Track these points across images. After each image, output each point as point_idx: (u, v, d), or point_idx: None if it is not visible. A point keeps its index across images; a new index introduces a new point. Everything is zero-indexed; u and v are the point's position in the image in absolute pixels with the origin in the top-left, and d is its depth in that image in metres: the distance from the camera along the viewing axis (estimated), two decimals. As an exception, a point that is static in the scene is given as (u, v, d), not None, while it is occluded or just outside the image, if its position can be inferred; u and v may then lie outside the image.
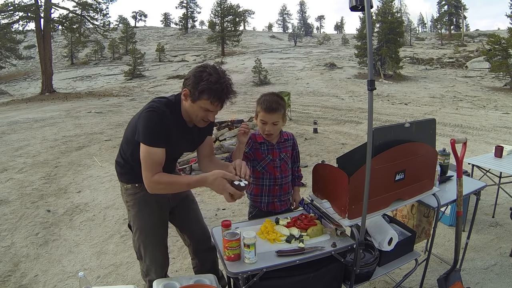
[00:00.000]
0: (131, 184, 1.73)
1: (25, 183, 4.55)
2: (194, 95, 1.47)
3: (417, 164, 1.70)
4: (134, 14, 50.12)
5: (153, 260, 1.81)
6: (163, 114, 1.50)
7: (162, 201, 1.77)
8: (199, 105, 1.49)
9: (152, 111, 1.50)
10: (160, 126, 1.49)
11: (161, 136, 1.50)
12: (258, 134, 1.96)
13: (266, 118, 1.84)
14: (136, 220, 1.76)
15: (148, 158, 1.48)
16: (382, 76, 18.37)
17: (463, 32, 35.38)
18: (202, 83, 1.44)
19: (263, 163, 1.94)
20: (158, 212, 1.77)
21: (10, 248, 2.92)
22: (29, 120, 9.82)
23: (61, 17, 19.70)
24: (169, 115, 1.53)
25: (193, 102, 1.50)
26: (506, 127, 7.88)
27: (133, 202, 1.74)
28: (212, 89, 1.44)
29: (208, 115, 1.53)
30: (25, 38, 26.09)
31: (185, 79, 1.53)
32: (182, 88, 1.54)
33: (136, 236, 1.78)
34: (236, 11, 32.50)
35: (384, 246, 1.70)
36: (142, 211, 1.74)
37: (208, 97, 1.46)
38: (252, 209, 2.05)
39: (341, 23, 60.41)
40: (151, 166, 1.48)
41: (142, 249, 1.79)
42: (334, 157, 4.05)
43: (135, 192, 1.73)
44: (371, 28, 1.32)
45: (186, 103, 1.54)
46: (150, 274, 1.84)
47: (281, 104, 1.86)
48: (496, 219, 3.20)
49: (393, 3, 21.17)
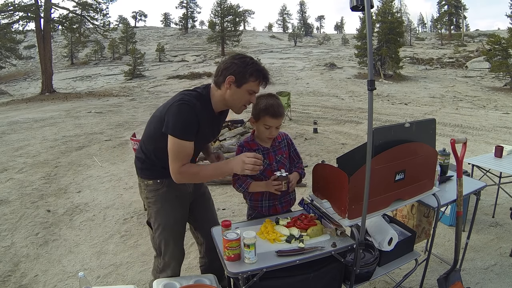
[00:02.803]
0: (153, 180, 1.73)
1: (25, 183, 4.55)
2: (242, 79, 1.55)
3: (417, 164, 1.70)
4: (134, 14, 50.20)
5: (173, 256, 1.82)
6: (194, 107, 1.53)
7: (182, 197, 1.79)
8: (246, 88, 1.57)
9: (183, 104, 1.52)
10: (191, 119, 1.52)
11: (191, 129, 1.53)
12: (250, 141, 1.91)
13: (272, 123, 1.81)
14: (158, 217, 1.76)
15: (177, 151, 1.52)
16: (382, 76, 18.38)
17: (463, 32, 35.40)
18: (249, 67, 1.55)
19: (261, 169, 1.93)
20: (179, 208, 1.79)
21: (10, 248, 2.92)
22: (29, 120, 9.81)
23: (61, 17, 19.70)
24: (200, 107, 1.56)
25: (238, 87, 1.57)
26: (506, 127, 7.88)
27: (155, 198, 1.74)
28: (259, 70, 1.57)
29: (251, 98, 1.63)
30: (25, 38, 26.11)
31: (222, 69, 1.57)
32: (217, 79, 1.59)
33: (158, 232, 1.78)
34: (236, 11, 32.51)
35: (384, 246, 1.70)
36: (164, 207, 1.74)
37: (256, 78, 1.57)
38: (252, 211, 1.99)
39: (341, 23, 60.58)
40: (181, 159, 1.52)
41: (163, 245, 1.79)
42: (334, 157, 4.05)
43: (157, 189, 1.73)
44: (371, 28, 1.32)
45: (227, 91, 1.58)
46: (166, 270, 1.84)
47: (282, 106, 1.87)
48: (496, 219, 3.20)
49: (393, 3, 21.21)
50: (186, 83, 20.00)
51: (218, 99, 1.63)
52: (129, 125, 8.80)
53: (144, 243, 2.96)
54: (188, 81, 20.77)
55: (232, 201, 3.84)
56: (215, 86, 1.62)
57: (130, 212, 3.61)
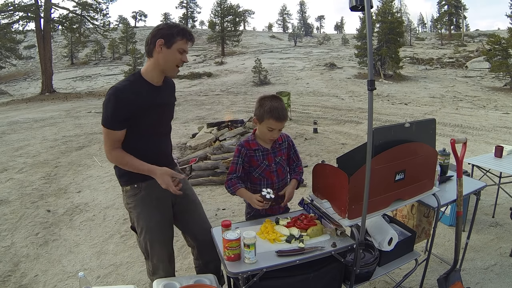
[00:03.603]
0: (130, 186, 1.75)
1: (25, 183, 4.55)
2: (171, 39, 1.64)
3: (417, 164, 1.70)
4: (134, 14, 50.02)
5: (161, 258, 1.82)
6: (123, 88, 1.61)
7: (162, 198, 1.79)
8: (175, 48, 1.65)
9: (110, 90, 1.61)
10: (118, 104, 1.59)
11: (119, 115, 1.60)
12: (251, 141, 1.91)
13: (276, 126, 1.82)
14: (139, 220, 1.77)
15: (105, 138, 1.64)
16: (382, 76, 18.37)
17: (463, 32, 35.39)
18: (174, 28, 1.66)
19: (259, 170, 1.91)
20: (160, 209, 1.80)
21: (10, 248, 2.92)
22: (29, 120, 9.82)
23: (61, 17, 19.73)
24: (131, 85, 1.64)
25: (168, 47, 1.64)
26: (506, 127, 7.88)
27: (135, 203, 1.76)
28: (184, 29, 1.69)
29: (183, 57, 1.70)
30: (25, 38, 26.13)
31: (151, 38, 1.66)
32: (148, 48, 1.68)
33: (142, 235, 1.79)
34: (236, 11, 32.50)
35: (384, 246, 1.70)
36: (144, 210, 1.76)
37: (183, 36, 1.66)
38: (250, 209, 1.99)
39: (341, 23, 60.48)
40: (109, 143, 1.65)
41: (149, 247, 1.80)
42: (334, 157, 4.05)
43: (135, 193, 1.75)
44: (371, 28, 1.32)
45: (159, 55, 1.65)
46: (158, 272, 1.83)
47: (286, 109, 1.89)
48: (496, 219, 3.20)
49: (393, 3, 21.17)
50: (186, 83, 20.00)
51: (151, 68, 1.69)
52: (129, 125, 8.79)
53: (144, 243, 2.97)
54: (188, 81, 20.76)
55: (232, 201, 3.84)
56: (147, 56, 1.70)
57: (130, 212, 3.61)
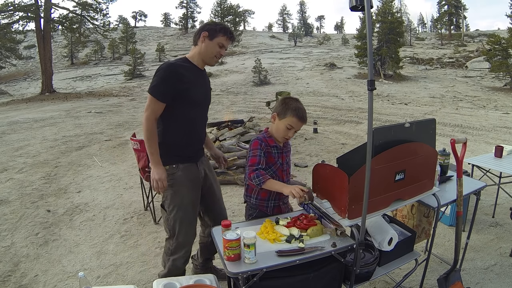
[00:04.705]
0: (169, 166, 1.90)
1: (25, 183, 4.55)
2: (214, 33, 1.91)
3: (417, 164, 1.70)
4: (134, 14, 50.07)
5: (187, 236, 1.96)
6: (175, 63, 1.88)
7: (195, 180, 1.98)
8: (217, 41, 1.92)
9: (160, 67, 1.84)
10: (168, 75, 1.81)
11: (167, 85, 1.80)
12: (268, 137, 1.90)
13: (297, 125, 1.85)
14: (173, 198, 1.92)
15: (149, 106, 1.81)
16: (382, 76, 18.37)
17: (463, 32, 35.40)
18: (219, 26, 1.95)
19: (274, 167, 1.90)
20: (193, 190, 1.97)
21: (10, 248, 2.92)
22: (29, 120, 9.82)
23: (61, 17, 19.69)
24: (181, 62, 1.91)
25: (211, 40, 1.91)
26: (506, 127, 7.88)
27: (172, 182, 1.90)
28: (226, 28, 1.97)
29: (221, 50, 1.95)
30: (25, 38, 26.10)
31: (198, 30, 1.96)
32: (194, 37, 1.97)
33: (172, 213, 1.92)
34: (236, 11, 32.57)
35: (384, 246, 1.70)
36: (180, 189, 1.91)
37: (224, 33, 1.93)
38: (252, 211, 1.98)
39: (341, 23, 60.48)
40: (151, 111, 1.82)
41: (178, 226, 1.93)
42: (334, 157, 4.05)
43: (173, 173, 1.90)
44: (371, 28, 1.32)
45: (202, 45, 1.92)
46: (177, 252, 1.95)
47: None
48: (496, 219, 3.20)
49: (393, 3, 21.18)
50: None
51: (195, 54, 1.95)
52: (129, 125, 8.81)
53: (144, 243, 2.97)
54: (188, 81, 20.72)
55: (232, 201, 3.84)
56: (193, 44, 1.98)
57: (130, 212, 3.61)
